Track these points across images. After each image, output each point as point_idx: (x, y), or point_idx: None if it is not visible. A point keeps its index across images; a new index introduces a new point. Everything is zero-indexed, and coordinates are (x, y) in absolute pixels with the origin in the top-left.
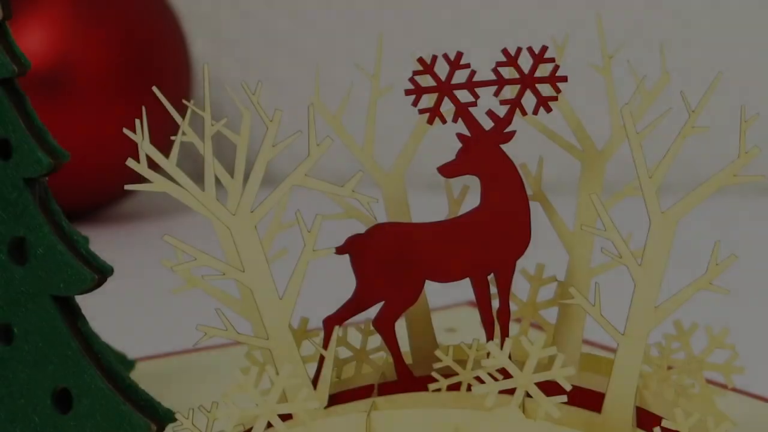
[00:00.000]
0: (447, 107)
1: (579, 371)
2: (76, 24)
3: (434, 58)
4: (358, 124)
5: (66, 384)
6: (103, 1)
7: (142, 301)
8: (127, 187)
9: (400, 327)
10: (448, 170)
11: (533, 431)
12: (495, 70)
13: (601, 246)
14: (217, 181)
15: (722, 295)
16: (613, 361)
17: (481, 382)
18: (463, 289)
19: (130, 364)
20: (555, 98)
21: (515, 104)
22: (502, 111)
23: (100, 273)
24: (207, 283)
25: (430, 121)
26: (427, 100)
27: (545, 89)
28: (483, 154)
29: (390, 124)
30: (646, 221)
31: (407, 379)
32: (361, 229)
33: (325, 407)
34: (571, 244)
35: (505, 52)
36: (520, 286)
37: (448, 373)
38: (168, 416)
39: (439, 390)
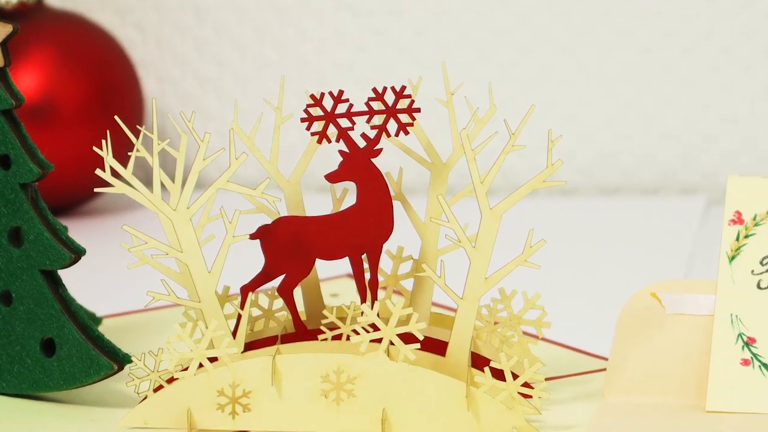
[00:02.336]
0: (332, 131)
1: (429, 326)
2: (58, 69)
3: (322, 94)
4: (266, 143)
5: (50, 335)
6: (78, 53)
7: (107, 274)
8: (96, 189)
9: (297, 293)
10: (332, 177)
11: (395, 370)
12: (367, 104)
13: (445, 233)
14: (162, 186)
15: (534, 269)
16: (454, 319)
17: (357, 333)
18: (343, 265)
19: (98, 321)
20: (411, 124)
21: (382, 129)
22: (372, 134)
23: (76, 253)
24: (155, 260)
25: (319, 142)
26: (317, 126)
27: (404, 118)
28: (358, 165)
29: (289, 143)
30: (479, 215)
31: (302, 331)
32: (269, 220)
33: (242, 352)
34: (423, 232)
35: (374, 90)
36: (385, 263)
37: (332, 327)
38: (126, 359)
39: (326, 339)
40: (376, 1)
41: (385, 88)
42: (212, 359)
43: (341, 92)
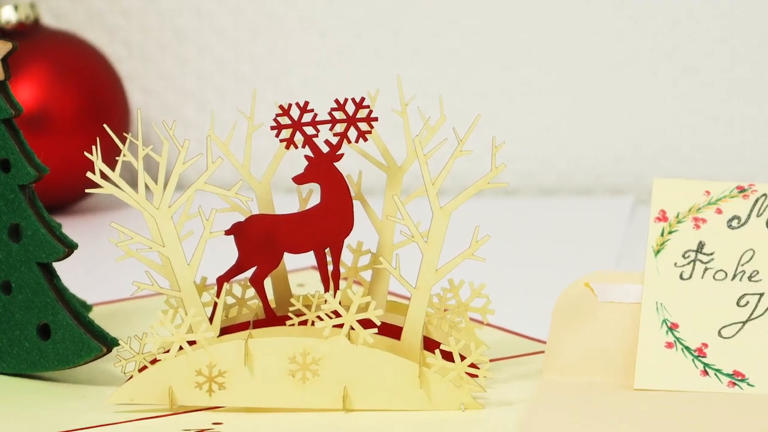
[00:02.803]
0: (298, 138)
1: (385, 313)
2: (53, 83)
3: (290, 105)
4: (239, 148)
5: (46, 321)
6: (71, 68)
7: (97, 266)
8: (86, 190)
9: (267, 283)
10: (298, 179)
11: (355, 352)
12: (330, 114)
13: (400, 230)
14: (146, 187)
15: (480, 262)
16: (408, 306)
17: (321, 319)
18: (309, 258)
19: (89, 308)
20: (369, 132)
21: (343, 136)
22: (335, 140)
23: (69, 247)
24: (139, 254)
25: (287, 147)
26: (285, 133)
27: (363, 126)
28: (322, 168)
29: (260, 148)
30: (430, 213)
31: (272, 318)
32: (242, 218)
33: (218, 336)
34: (380, 229)
35: (336, 101)
36: (346, 256)
37: (299, 313)
38: (114, 342)
39: (293, 325)
40: (338, 23)
41: (346, 100)
42: (191, 342)
43: (306, 103)
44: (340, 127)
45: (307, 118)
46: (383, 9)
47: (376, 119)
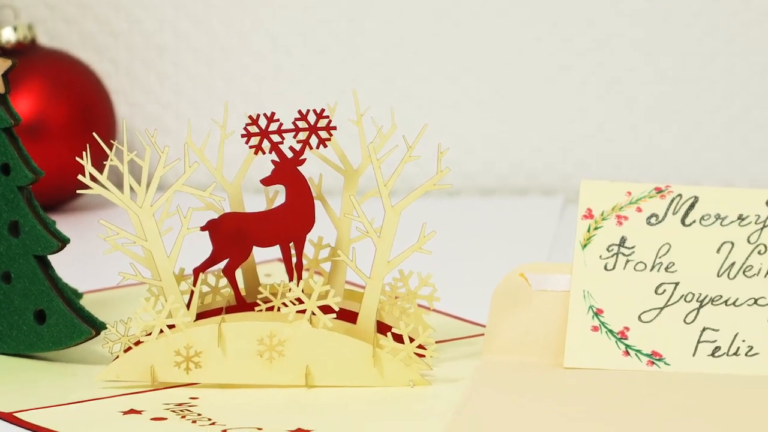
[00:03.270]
0: (266, 145)
1: (343, 300)
2: (48, 96)
3: (258, 115)
4: (213, 154)
5: (42, 307)
6: (64, 82)
7: (87, 258)
8: (78, 191)
9: (238, 273)
10: (266, 181)
11: (316, 335)
12: (294, 123)
13: (356, 226)
14: (131, 188)
15: (427, 255)
16: (363, 294)
17: (286, 306)
18: (275, 251)
19: (80, 295)
20: (329, 139)
21: (305, 143)
22: (298, 147)
23: (62, 242)
24: (125, 248)
25: (256, 153)
26: (254, 140)
27: (324, 134)
28: (287, 172)
29: (232, 154)
30: (383, 212)
31: (242, 304)
32: (215, 215)
33: (194, 320)
34: (338, 225)
35: (299, 112)
36: (308, 250)
37: (266, 300)
38: (102, 326)
39: (261, 310)
40: (301, 43)
41: (308, 111)
42: (170, 326)
43: (273, 114)
44: (303, 135)
45: (273, 127)
46: (342, 30)
47: (334, 128)
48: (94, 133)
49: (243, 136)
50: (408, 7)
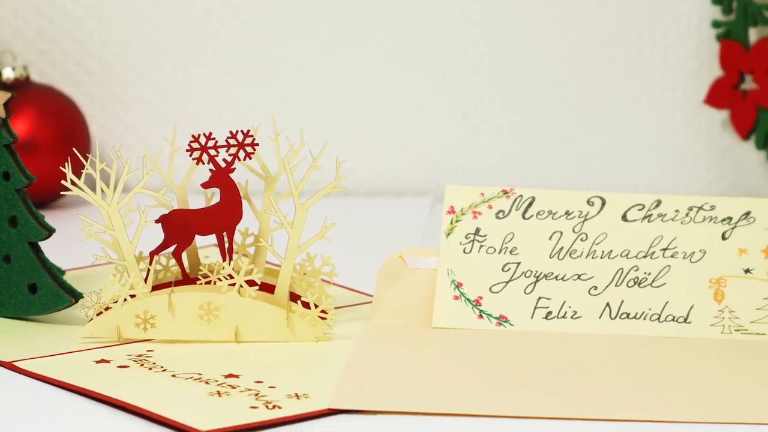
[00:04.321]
0: (205, 157)
1: (264, 276)
2: (39, 120)
3: (199, 135)
4: (165, 164)
5: (34, 281)
6: (51, 110)
7: (69, 244)
8: (62, 192)
9: (184, 255)
10: (205, 185)
11: (243, 303)
12: (226, 140)
13: (274, 219)
14: (102, 190)
15: (328, 242)
16: (279, 271)
17: (220, 280)
18: (212, 239)
19: (63, 272)
20: (253, 152)
21: (235, 156)
22: (230, 158)
23: (49, 231)
24: (97, 236)
25: (197, 164)
26: (196, 154)
27: (249, 149)
28: (221, 178)
29: (179, 164)
30: (294, 208)
31: (187, 279)
32: (166, 211)
33: (150, 291)
34: (260, 219)
35: (230, 132)
36: (237, 237)
37: (205, 276)
38: (80, 296)
39: (201, 284)
40: (233, 80)
41: (237, 131)
42: (132, 296)
43: (210, 133)
44: (233, 150)
45: (210, 143)
46: (264, 69)
47: (257, 144)
48: (74, 149)
49: (187, 150)
50: (307, 51)
